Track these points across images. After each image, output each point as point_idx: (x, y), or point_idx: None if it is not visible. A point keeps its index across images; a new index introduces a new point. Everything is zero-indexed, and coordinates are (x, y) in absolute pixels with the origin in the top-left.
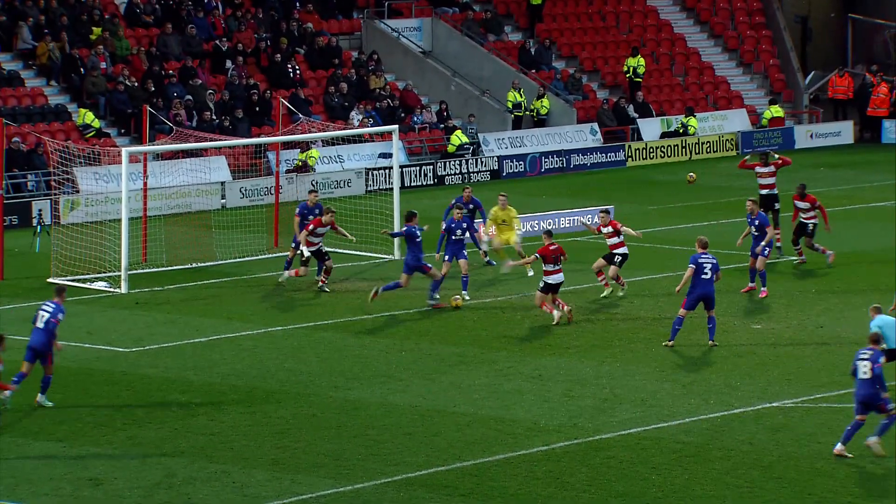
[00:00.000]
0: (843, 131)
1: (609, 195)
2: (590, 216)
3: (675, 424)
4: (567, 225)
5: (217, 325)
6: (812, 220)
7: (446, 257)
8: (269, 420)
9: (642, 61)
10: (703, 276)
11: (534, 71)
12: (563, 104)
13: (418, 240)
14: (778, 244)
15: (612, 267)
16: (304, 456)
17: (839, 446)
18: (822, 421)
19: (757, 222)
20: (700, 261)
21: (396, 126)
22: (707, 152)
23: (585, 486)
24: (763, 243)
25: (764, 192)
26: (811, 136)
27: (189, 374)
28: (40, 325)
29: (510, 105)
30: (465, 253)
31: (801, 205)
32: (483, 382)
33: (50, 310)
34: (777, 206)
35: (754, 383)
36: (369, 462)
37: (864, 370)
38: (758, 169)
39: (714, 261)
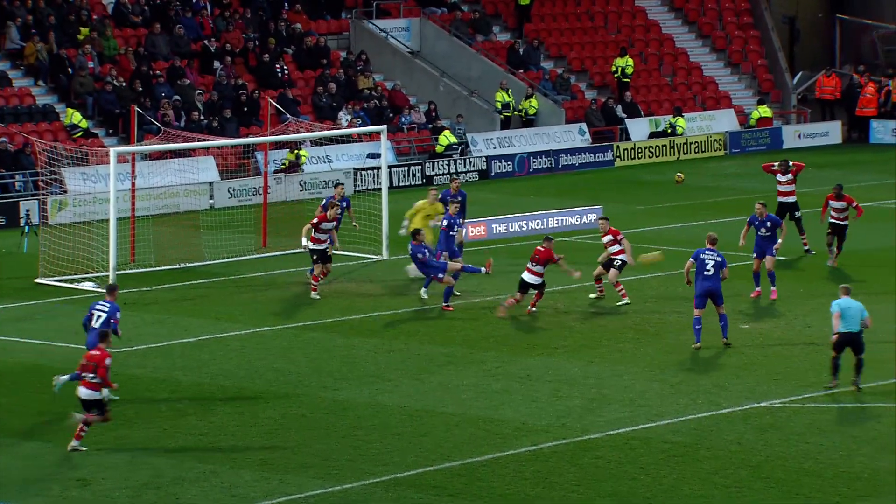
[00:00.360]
0: (831, 131)
1: (597, 195)
2: (578, 216)
3: (663, 424)
4: (555, 225)
5: (205, 326)
6: (845, 221)
7: (446, 253)
8: (257, 420)
9: (630, 61)
10: (706, 273)
11: (522, 71)
12: (552, 104)
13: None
14: (805, 247)
15: (613, 271)
16: (293, 456)
17: None
18: (810, 421)
19: (769, 223)
20: (702, 256)
21: (385, 126)
22: (695, 152)
23: (573, 487)
24: (777, 245)
25: (782, 199)
26: (799, 136)
27: (177, 375)
28: (96, 325)
29: (498, 105)
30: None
31: (837, 204)
32: (471, 382)
33: (106, 310)
34: (798, 214)
35: (742, 383)
36: (358, 462)
37: None
38: (778, 177)
39: (719, 258)
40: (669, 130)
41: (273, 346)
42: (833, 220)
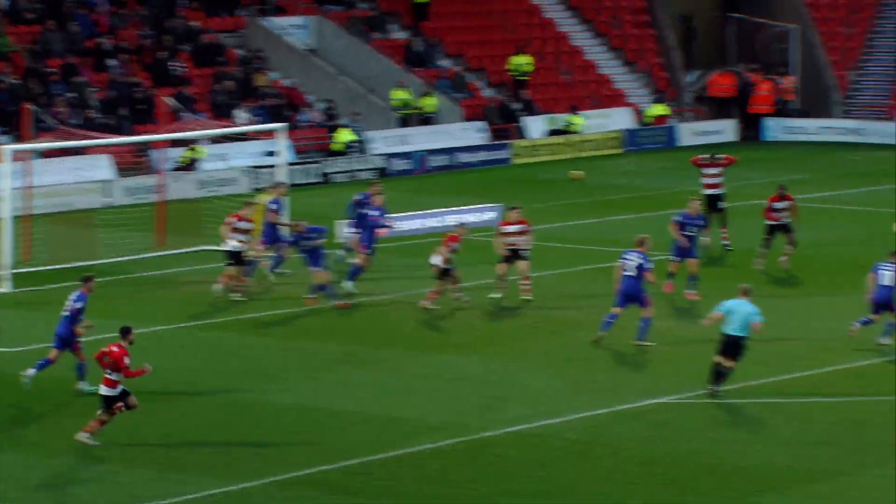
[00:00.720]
0: (726, 129)
1: (495, 193)
2: (476, 214)
3: (561, 421)
4: (453, 223)
5: (100, 325)
6: (786, 220)
7: (368, 251)
8: (154, 420)
9: (528, 59)
10: (626, 273)
11: (420, 69)
12: (450, 102)
13: (308, 247)
14: (724, 242)
15: (525, 262)
16: (191, 456)
17: None
18: (707, 416)
19: (700, 222)
20: (624, 257)
21: (285, 124)
22: (592, 150)
23: (472, 484)
24: (705, 241)
25: (709, 191)
26: (694, 134)
27: (72, 374)
28: (64, 313)
29: (396, 103)
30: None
31: (780, 205)
32: (369, 381)
33: (73, 299)
34: (721, 205)
35: (640, 380)
36: (256, 461)
37: None
38: (703, 170)
39: (640, 260)
40: (566, 128)
41: (168, 346)
42: (772, 223)
